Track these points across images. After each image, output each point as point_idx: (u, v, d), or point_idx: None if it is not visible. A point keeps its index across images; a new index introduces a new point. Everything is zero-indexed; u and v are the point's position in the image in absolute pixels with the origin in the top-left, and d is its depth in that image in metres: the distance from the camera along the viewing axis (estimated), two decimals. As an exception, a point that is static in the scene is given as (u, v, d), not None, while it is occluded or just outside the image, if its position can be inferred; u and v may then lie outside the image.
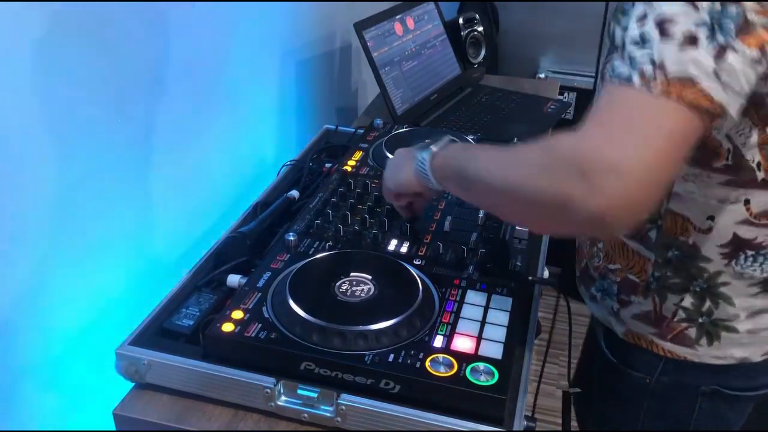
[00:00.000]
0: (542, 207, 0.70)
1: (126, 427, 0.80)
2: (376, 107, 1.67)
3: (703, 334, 0.89)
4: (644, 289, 0.91)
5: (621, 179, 0.62)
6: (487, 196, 0.77)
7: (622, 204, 0.63)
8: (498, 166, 0.74)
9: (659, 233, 0.86)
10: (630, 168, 0.62)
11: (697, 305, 0.88)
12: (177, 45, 1.02)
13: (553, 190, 0.65)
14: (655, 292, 0.90)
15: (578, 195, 0.63)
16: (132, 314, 0.98)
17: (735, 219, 0.82)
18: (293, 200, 1.13)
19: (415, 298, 0.82)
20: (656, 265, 0.88)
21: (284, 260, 0.91)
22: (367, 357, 0.75)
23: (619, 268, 0.92)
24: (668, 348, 0.92)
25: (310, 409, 0.77)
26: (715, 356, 0.90)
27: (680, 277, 0.87)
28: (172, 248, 1.09)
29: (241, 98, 1.25)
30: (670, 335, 0.91)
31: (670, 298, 0.89)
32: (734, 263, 0.84)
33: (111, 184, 0.92)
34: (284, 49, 1.40)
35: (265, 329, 0.79)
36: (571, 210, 0.65)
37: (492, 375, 0.74)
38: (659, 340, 0.92)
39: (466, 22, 1.79)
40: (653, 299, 0.90)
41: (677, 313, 0.89)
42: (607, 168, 0.62)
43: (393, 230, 1.00)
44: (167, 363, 0.79)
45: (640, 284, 0.91)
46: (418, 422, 0.73)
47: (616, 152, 0.62)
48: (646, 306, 0.91)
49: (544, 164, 0.68)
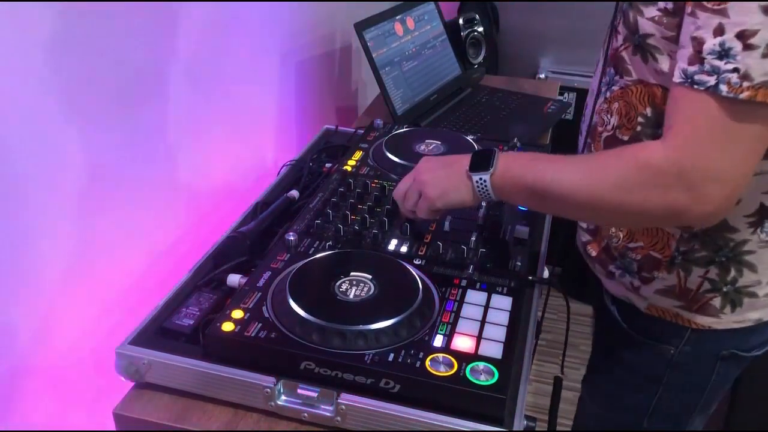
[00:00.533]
0: (645, 217, 0.78)
1: (126, 427, 0.80)
2: (376, 107, 1.67)
3: (727, 303, 0.92)
4: (668, 265, 0.93)
5: (725, 187, 0.70)
6: (571, 208, 0.83)
7: (726, 206, 0.72)
8: (584, 180, 0.78)
9: None
10: (731, 175, 0.70)
11: (723, 275, 0.91)
12: (177, 45, 1.02)
13: (658, 203, 0.73)
14: (679, 266, 0.93)
15: (685, 205, 0.71)
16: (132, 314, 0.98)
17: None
18: (293, 200, 1.13)
19: (415, 298, 0.82)
20: (681, 240, 0.91)
21: (284, 260, 0.91)
22: (367, 356, 0.75)
23: (640, 246, 0.94)
24: (694, 319, 0.95)
25: (310, 409, 0.77)
26: (735, 321, 0.94)
27: (707, 249, 0.90)
28: (172, 248, 1.09)
29: (241, 98, 1.25)
30: (696, 306, 0.94)
31: (695, 271, 0.92)
32: (759, 231, 0.87)
33: (111, 184, 0.92)
34: (284, 49, 1.40)
35: (265, 329, 0.79)
36: (678, 218, 0.75)
37: (492, 375, 0.74)
38: (685, 312, 0.95)
39: (466, 22, 1.79)
40: (677, 274, 0.93)
41: (702, 284, 0.92)
42: (711, 178, 0.70)
43: (393, 230, 1.00)
44: (167, 362, 0.79)
45: (663, 260, 0.93)
46: (418, 422, 0.73)
47: (717, 162, 0.70)
48: (670, 281, 0.94)
49: (643, 180, 0.73)
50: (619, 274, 0.99)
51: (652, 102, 0.86)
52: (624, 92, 0.90)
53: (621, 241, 0.97)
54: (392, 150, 1.19)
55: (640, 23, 0.82)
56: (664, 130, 0.74)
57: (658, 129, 0.85)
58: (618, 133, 0.91)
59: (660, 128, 0.83)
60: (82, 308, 0.90)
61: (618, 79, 0.91)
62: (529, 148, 1.25)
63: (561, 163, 0.82)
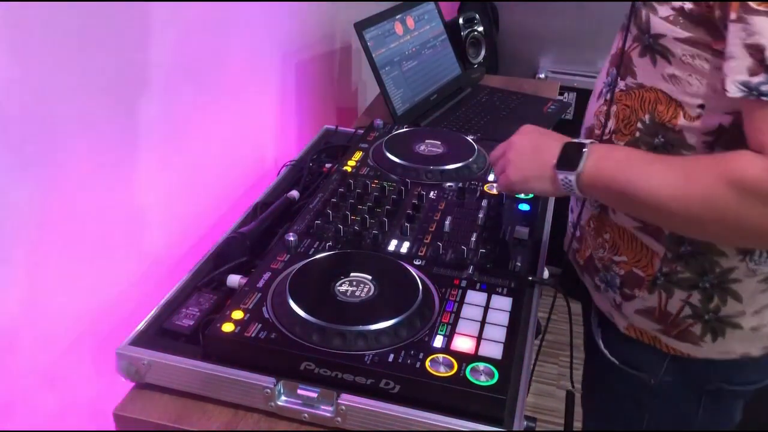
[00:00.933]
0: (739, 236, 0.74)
1: (126, 427, 0.80)
2: (376, 107, 1.67)
3: (708, 331, 0.88)
4: (650, 285, 0.89)
5: None
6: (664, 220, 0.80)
7: None
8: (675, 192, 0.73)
9: None
10: None
11: (705, 302, 0.87)
12: (177, 45, 1.02)
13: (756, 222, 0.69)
14: (661, 287, 0.89)
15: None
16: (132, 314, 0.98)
17: None
18: (293, 200, 1.13)
19: (415, 298, 0.82)
20: (665, 259, 0.87)
21: (284, 260, 0.91)
22: (367, 357, 0.75)
23: (624, 261, 0.91)
24: (672, 344, 0.91)
25: (310, 409, 0.77)
26: (718, 351, 0.90)
27: (690, 272, 0.86)
28: (172, 248, 1.09)
29: (241, 98, 1.25)
30: (675, 332, 0.90)
31: (677, 293, 0.88)
32: (749, 259, 0.83)
33: (111, 184, 0.92)
34: (284, 49, 1.40)
35: (265, 329, 0.79)
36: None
37: (492, 375, 0.74)
38: (663, 336, 0.91)
39: (466, 22, 1.79)
40: (659, 294, 0.89)
41: (683, 309, 0.88)
42: None
43: (393, 230, 1.00)
44: (167, 363, 0.79)
45: (646, 279, 0.89)
46: (418, 422, 0.73)
47: None
48: (650, 302, 0.90)
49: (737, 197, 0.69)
50: (603, 288, 0.96)
51: (653, 108, 0.82)
52: (625, 95, 0.86)
53: (606, 253, 0.93)
54: (392, 150, 1.19)
55: (652, 22, 0.79)
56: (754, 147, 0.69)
57: (654, 138, 0.83)
58: (614, 138, 0.88)
59: (656, 137, 0.82)
60: (82, 308, 0.90)
61: (620, 81, 0.87)
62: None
63: (655, 167, 0.76)
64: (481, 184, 1.12)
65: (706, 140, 0.79)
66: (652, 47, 0.81)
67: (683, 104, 0.80)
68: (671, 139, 0.82)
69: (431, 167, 1.15)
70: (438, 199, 1.08)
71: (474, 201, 1.07)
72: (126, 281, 0.99)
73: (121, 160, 0.93)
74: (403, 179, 1.12)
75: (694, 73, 0.77)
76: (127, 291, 0.99)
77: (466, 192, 1.09)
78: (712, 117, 0.78)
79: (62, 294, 0.86)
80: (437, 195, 1.09)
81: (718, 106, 0.77)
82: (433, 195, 1.09)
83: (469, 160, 1.17)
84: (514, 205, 1.07)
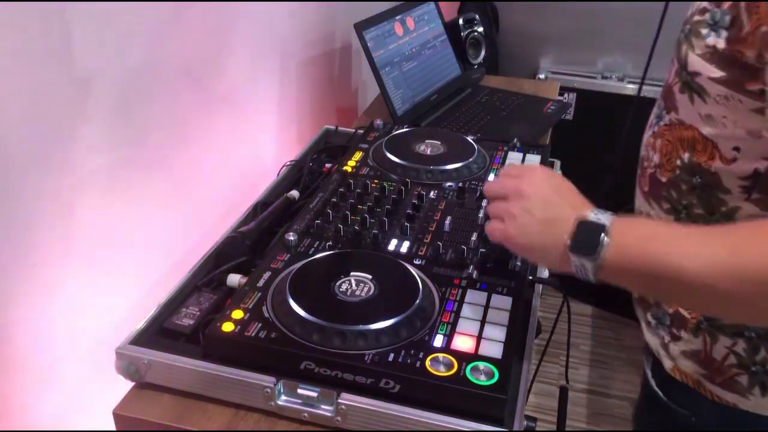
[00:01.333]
0: None
1: (126, 427, 0.80)
2: (376, 107, 1.67)
3: (756, 384, 0.83)
4: (694, 328, 0.85)
5: None
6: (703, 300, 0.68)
7: None
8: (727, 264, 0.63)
9: None
10: None
11: (750, 353, 0.82)
12: (177, 45, 1.02)
13: None
14: (705, 331, 0.84)
15: None
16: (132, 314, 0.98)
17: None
18: (293, 200, 1.13)
19: (415, 298, 0.82)
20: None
21: (284, 260, 0.91)
22: (367, 356, 0.75)
23: None
24: (717, 392, 0.86)
25: (310, 409, 0.77)
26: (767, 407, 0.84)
27: None
28: (172, 248, 1.09)
29: (241, 98, 1.25)
30: (720, 379, 0.85)
31: (721, 340, 0.83)
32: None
33: (111, 184, 0.92)
34: (284, 49, 1.40)
35: (265, 329, 0.79)
36: None
37: (492, 375, 0.74)
38: (707, 383, 0.86)
39: (466, 22, 1.79)
40: (704, 339, 0.85)
41: (728, 357, 0.83)
42: None
43: (393, 230, 1.00)
44: (167, 363, 0.79)
45: (691, 321, 0.85)
46: (418, 422, 0.73)
47: None
48: (695, 344, 0.85)
49: None
50: (654, 324, 0.92)
51: (692, 147, 0.79)
52: (668, 130, 0.83)
53: None
54: (392, 150, 1.19)
55: (689, 59, 0.75)
56: None
57: (693, 177, 0.79)
58: (659, 173, 0.85)
59: (695, 177, 0.78)
60: (82, 308, 0.90)
61: (665, 115, 0.84)
62: (529, 149, 1.25)
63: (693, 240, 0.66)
64: (481, 184, 1.12)
65: (742, 185, 0.76)
66: (689, 85, 0.77)
67: (719, 146, 0.76)
68: (708, 180, 0.79)
69: (431, 167, 1.15)
70: (438, 198, 1.08)
71: (474, 201, 1.07)
72: (126, 281, 0.99)
73: (121, 159, 0.93)
74: (403, 179, 1.12)
75: (728, 114, 0.74)
76: (127, 291, 0.99)
77: (466, 192, 1.09)
78: (748, 161, 0.75)
79: (62, 294, 0.86)
80: (437, 195, 1.09)
81: (754, 150, 0.74)
82: (433, 195, 1.09)
83: (469, 160, 1.17)
84: (514, 204, 1.07)
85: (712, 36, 0.72)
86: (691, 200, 0.82)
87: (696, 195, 0.81)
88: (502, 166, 1.18)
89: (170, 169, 1.06)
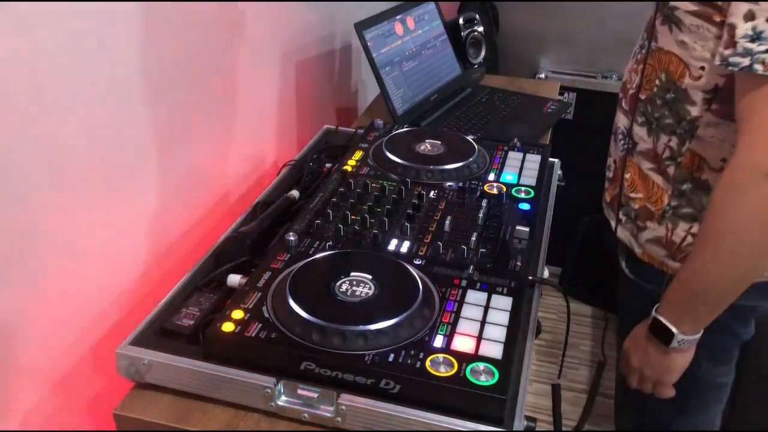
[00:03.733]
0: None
1: (126, 427, 0.80)
2: (376, 107, 1.67)
3: None
4: (659, 217, 1.06)
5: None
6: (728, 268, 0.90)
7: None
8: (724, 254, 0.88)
9: (677, 169, 1.02)
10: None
11: None
12: (177, 45, 1.02)
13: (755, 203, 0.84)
14: (668, 220, 1.05)
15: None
16: (132, 314, 0.98)
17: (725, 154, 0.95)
18: (293, 200, 1.13)
19: (415, 298, 0.82)
20: (672, 196, 1.04)
21: (284, 260, 0.91)
22: (367, 357, 0.76)
23: (639, 197, 1.09)
24: (676, 267, 1.06)
25: (311, 409, 0.77)
26: None
27: (692, 207, 1.03)
28: (172, 248, 1.09)
29: (241, 98, 1.25)
30: (680, 257, 1.06)
31: (681, 225, 1.04)
32: None
33: (110, 184, 0.92)
34: (284, 49, 1.40)
35: (265, 329, 0.79)
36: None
37: (492, 375, 0.74)
38: (670, 261, 1.07)
39: (466, 22, 1.79)
40: (666, 226, 1.06)
41: (686, 238, 1.04)
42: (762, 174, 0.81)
43: (393, 230, 1.00)
44: (167, 363, 0.79)
45: (656, 213, 1.06)
46: (418, 422, 0.73)
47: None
48: (659, 232, 1.07)
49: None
50: (624, 221, 1.13)
51: (667, 68, 0.99)
52: (650, 56, 1.03)
53: (626, 190, 1.11)
54: (392, 150, 1.19)
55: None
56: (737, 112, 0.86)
57: (667, 94, 1.00)
58: (639, 92, 1.05)
59: (668, 93, 0.99)
60: (82, 308, 0.90)
61: (647, 44, 1.04)
62: (529, 148, 1.25)
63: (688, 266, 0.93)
64: (481, 183, 1.12)
65: (705, 97, 0.96)
66: (669, 17, 0.96)
67: (689, 66, 0.96)
68: (679, 95, 0.99)
69: (431, 167, 1.15)
70: (438, 198, 1.08)
71: (474, 201, 1.07)
72: (126, 281, 0.99)
73: (121, 159, 0.93)
74: (403, 179, 1.13)
75: (698, 40, 0.93)
76: (127, 291, 0.99)
77: (466, 192, 1.09)
78: (711, 78, 0.94)
79: (62, 293, 0.86)
80: (437, 195, 1.09)
81: (715, 69, 0.92)
82: (433, 195, 1.09)
83: (469, 160, 1.17)
84: (514, 205, 1.07)
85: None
86: (663, 112, 1.02)
87: (667, 107, 1.01)
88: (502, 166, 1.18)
89: (170, 169, 1.06)
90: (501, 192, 1.09)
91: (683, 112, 0.99)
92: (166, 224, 1.07)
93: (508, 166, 1.19)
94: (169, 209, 1.07)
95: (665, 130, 1.03)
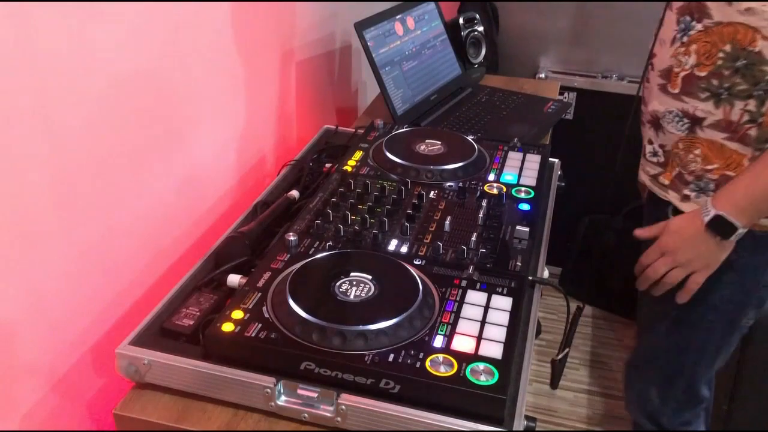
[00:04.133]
0: None
1: (126, 427, 0.80)
2: (376, 107, 1.67)
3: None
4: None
5: None
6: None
7: None
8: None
9: (760, 130, 1.08)
10: None
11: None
12: (177, 44, 1.02)
13: None
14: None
15: None
16: (132, 314, 0.98)
17: None
18: (293, 200, 1.13)
19: (415, 298, 0.82)
20: (754, 158, 1.09)
21: (284, 260, 0.91)
22: (367, 357, 0.76)
23: (716, 167, 1.13)
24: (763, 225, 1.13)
25: (311, 409, 0.77)
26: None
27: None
28: (172, 248, 1.09)
29: (241, 98, 1.25)
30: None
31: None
32: None
33: (111, 184, 0.92)
34: (284, 49, 1.41)
35: (265, 329, 0.79)
36: None
37: (492, 375, 0.74)
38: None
39: (466, 22, 1.79)
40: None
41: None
42: None
43: (393, 230, 1.00)
44: (167, 363, 0.79)
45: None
46: (418, 422, 0.73)
47: None
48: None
49: None
50: (694, 196, 1.17)
51: (733, 39, 1.05)
52: (704, 34, 1.08)
53: (699, 165, 1.15)
54: (392, 150, 1.19)
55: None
56: None
57: (737, 62, 1.06)
58: (696, 70, 1.11)
59: (738, 60, 1.05)
60: (82, 308, 0.90)
61: (695, 25, 1.09)
62: (530, 148, 1.25)
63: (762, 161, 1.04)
64: (481, 184, 1.12)
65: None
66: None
67: (760, 29, 1.03)
68: (752, 59, 1.05)
69: (431, 167, 1.15)
70: (438, 199, 1.08)
71: (474, 201, 1.08)
72: (126, 281, 0.99)
73: (120, 159, 0.93)
74: (403, 179, 1.13)
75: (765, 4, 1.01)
76: (127, 291, 0.99)
77: (466, 192, 1.09)
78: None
79: (62, 293, 0.86)
80: (437, 195, 1.09)
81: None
82: (433, 195, 1.09)
83: (469, 160, 1.17)
84: (514, 205, 1.07)
85: None
86: (734, 81, 1.08)
87: (740, 74, 1.07)
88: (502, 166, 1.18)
89: (170, 169, 1.06)
90: (501, 192, 1.09)
91: (759, 74, 1.05)
92: (166, 224, 1.07)
93: (508, 166, 1.19)
94: (168, 209, 1.07)
95: (739, 96, 1.08)
